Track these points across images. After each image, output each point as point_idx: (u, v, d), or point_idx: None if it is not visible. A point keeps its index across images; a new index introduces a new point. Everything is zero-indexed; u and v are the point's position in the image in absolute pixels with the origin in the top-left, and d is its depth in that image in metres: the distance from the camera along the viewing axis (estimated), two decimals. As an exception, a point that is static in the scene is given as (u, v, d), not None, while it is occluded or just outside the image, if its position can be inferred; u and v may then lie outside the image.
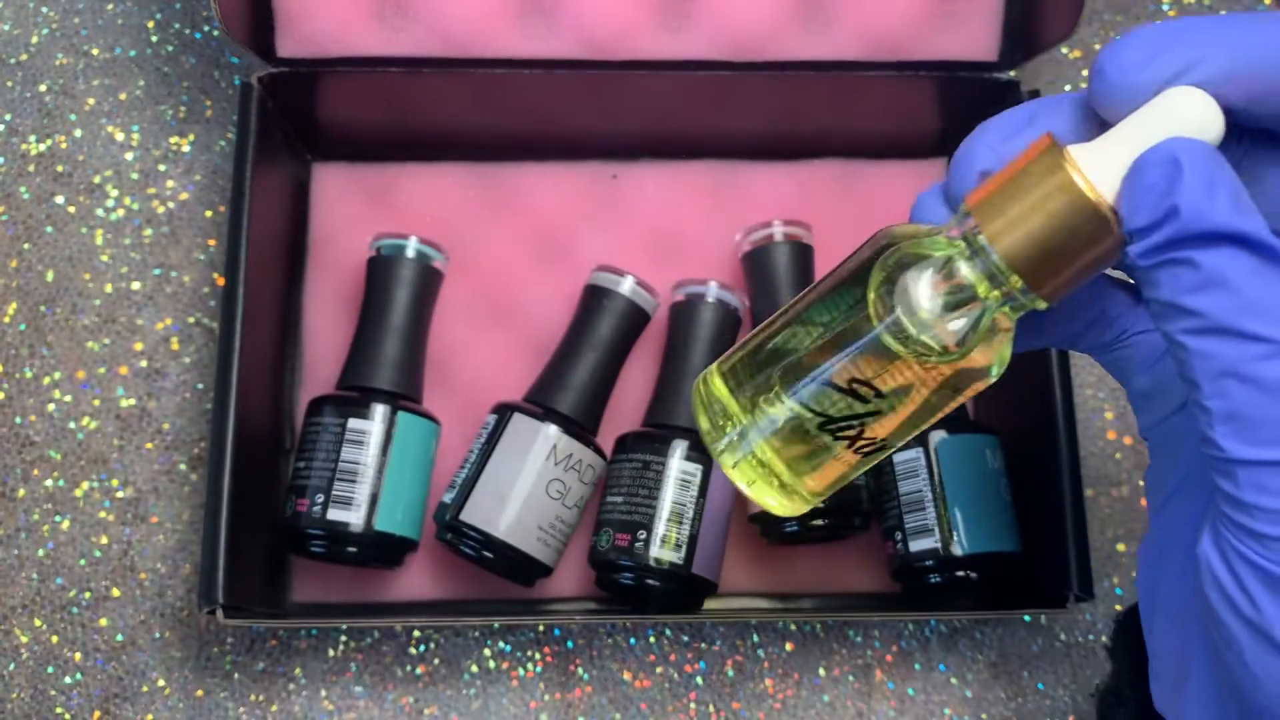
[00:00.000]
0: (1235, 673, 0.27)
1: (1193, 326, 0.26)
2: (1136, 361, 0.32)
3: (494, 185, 0.58)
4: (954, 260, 0.29)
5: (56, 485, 0.54)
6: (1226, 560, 0.26)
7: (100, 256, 0.57)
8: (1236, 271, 0.25)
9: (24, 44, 0.60)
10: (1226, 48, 0.28)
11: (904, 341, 0.29)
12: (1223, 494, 0.26)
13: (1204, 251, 0.26)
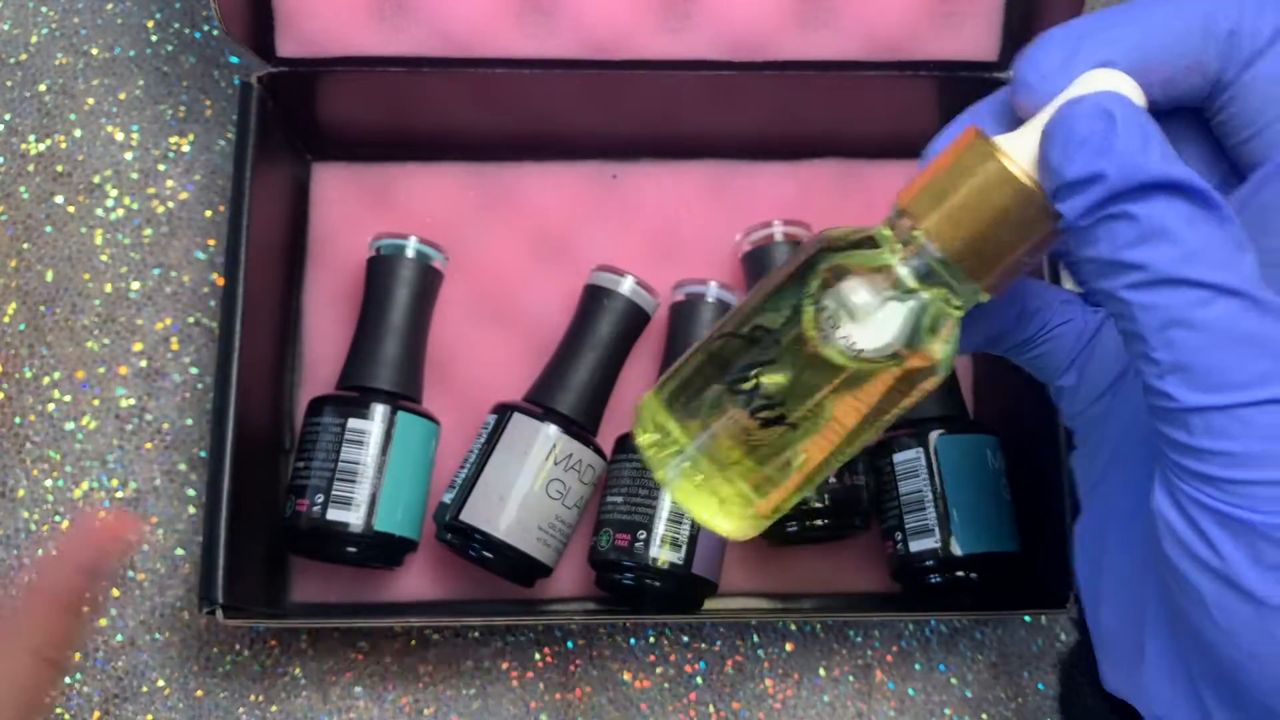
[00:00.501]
0: (1202, 629, 0.27)
1: (1135, 280, 0.26)
2: (1060, 355, 0.32)
3: (494, 185, 0.58)
4: (892, 262, 0.29)
5: (56, 485, 0.54)
6: (1183, 511, 0.26)
7: (100, 256, 0.57)
8: (1175, 220, 0.25)
9: (23, 43, 0.60)
10: (1135, 40, 0.28)
11: (847, 351, 0.29)
12: (1175, 445, 0.26)
13: (1141, 203, 0.25)
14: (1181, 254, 0.25)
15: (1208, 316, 0.25)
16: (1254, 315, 0.25)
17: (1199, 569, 0.26)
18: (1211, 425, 0.25)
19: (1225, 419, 0.25)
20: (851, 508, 0.50)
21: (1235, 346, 0.25)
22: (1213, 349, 0.25)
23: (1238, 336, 0.25)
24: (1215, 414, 0.25)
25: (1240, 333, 0.25)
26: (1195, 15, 0.28)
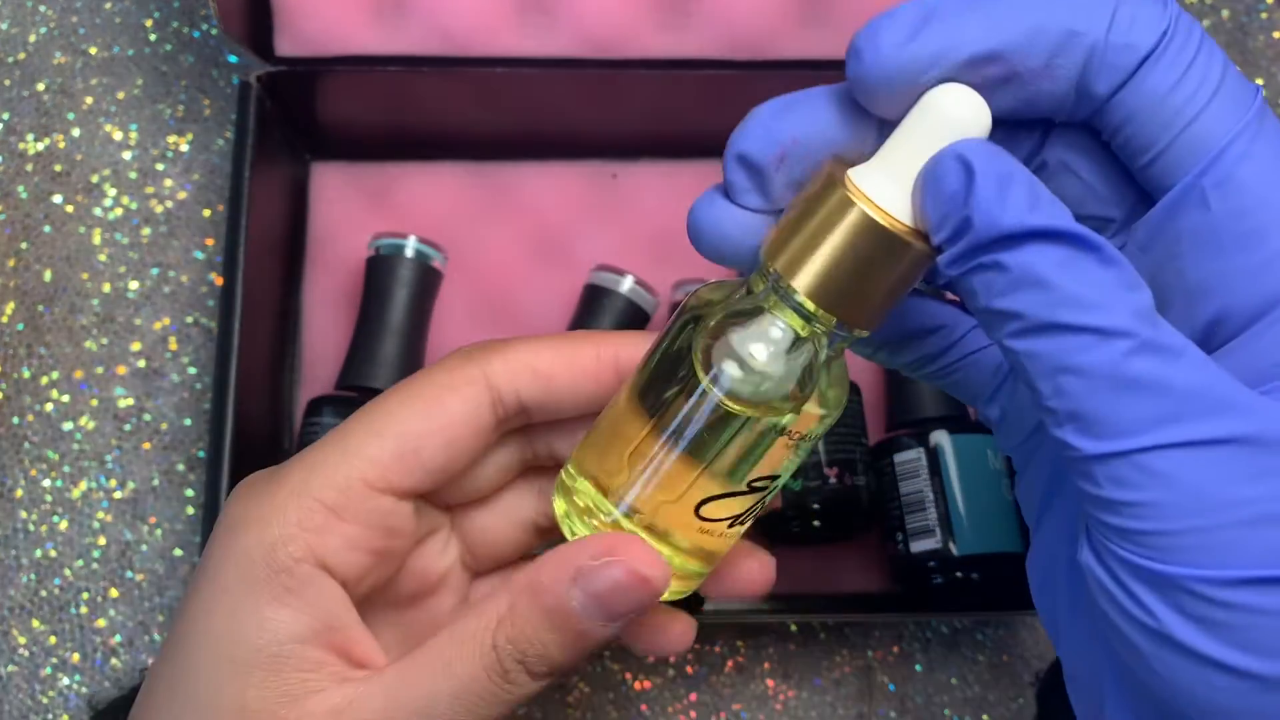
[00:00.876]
0: (1150, 684, 0.25)
1: (1016, 329, 0.25)
2: (977, 384, 0.31)
3: (493, 184, 0.58)
4: (768, 312, 0.28)
5: (54, 485, 0.54)
6: (1107, 566, 0.25)
7: (98, 256, 0.57)
8: (1045, 266, 0.24)
9: (22, 43, 0.59)
10: (986, 26, 0.27)
11: (745, 403, 0.28)
12: (1087, 496, 0.25)
13: (1010, 252, 0.25)
14: (1054, 299, 0.24)
15: (1092, 361, 0.24)
16: (1144, 356, 0.24)
17: (1129, 623, 0.25)
18: (1114, 474, 0.24)
19: (1126, 467, 0.24)
20: (852, 508, 0.50)
21: (1125, 390, 0.24)
22: (1101, 394, 0.24)
23: (1127, 380, 0.24)
24: (1116, 462, 0.24)
25: (1129, 376, 0.24)
26: (1055, 12, 0.27)
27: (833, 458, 0.50)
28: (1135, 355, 0.24)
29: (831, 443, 0.50)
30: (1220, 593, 0.23)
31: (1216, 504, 0.24)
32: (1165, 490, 0.24)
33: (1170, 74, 0.26)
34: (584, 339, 0.32)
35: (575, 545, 0.29)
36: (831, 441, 0.50)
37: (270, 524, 0.29)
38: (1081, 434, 0.24)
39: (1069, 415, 0.25)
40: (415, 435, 0.30)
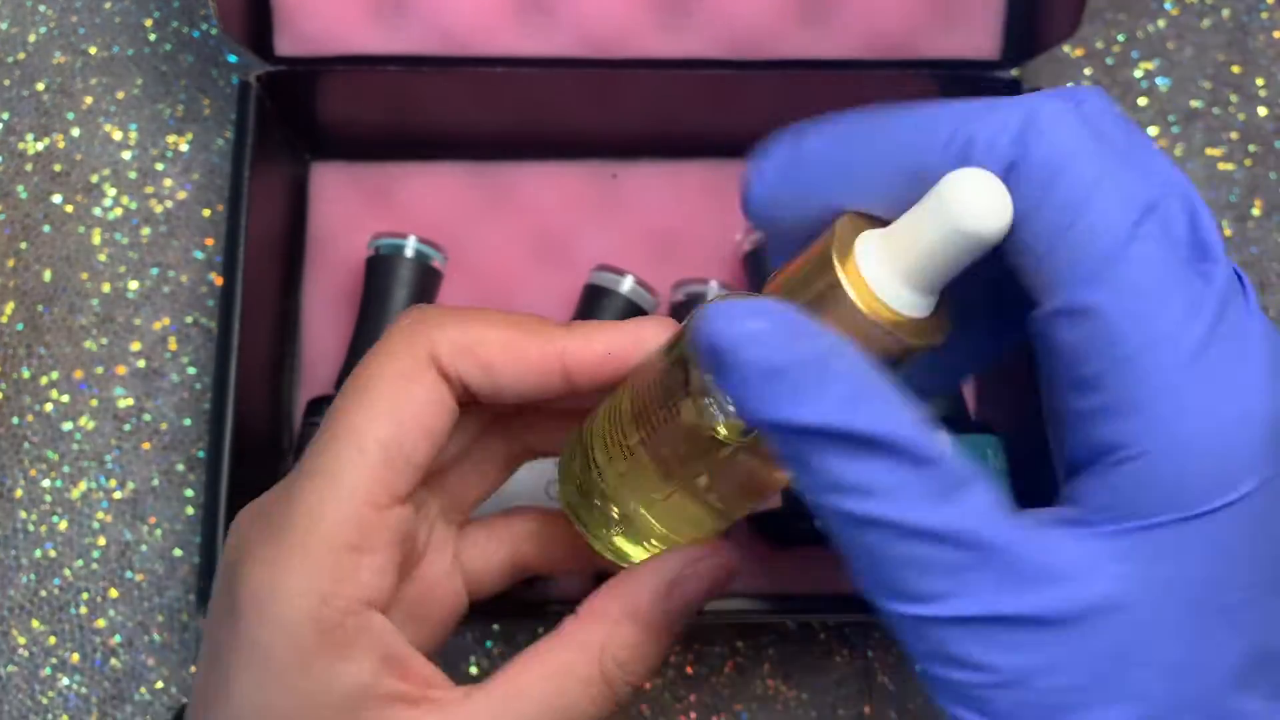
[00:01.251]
0: None
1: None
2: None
3: (493, 184, 0.58)
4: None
5: (54, 486, 0.54)
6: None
7: (98, 256, 0.57)
8: (825, 460, 0.24)
9: (21, 42, 0.59)
10: (844, 174, 0.26)
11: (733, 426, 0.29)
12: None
13: (789, 442, 0.25)
14: (843, 492, 0.24)
15: (876, 542, 0.25)
16: (920, 541, 0.24)
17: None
18: (906, 629, 0.26)
19: (920, 627, 0.26)
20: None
21: (904, 568, 0.25)
22: (884, 568, 0.25)
23: (908, 559, 0.25)
24: (909, 622, 0.26)
25: (907, 557, 0.25)
26: (906, 155, 0.26)
27: (833, 458, 0.50)
28: (914, 541, 0.24)
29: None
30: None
31: (987, 671, 0.24)
32: (949, 648, 0.25)
33: (1025, 202, 0.25)
34: (530, 330, 0.31)
35: (661, 562, 0.31)
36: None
37: (307, 591, 0.28)
38: (878, 595, 0.26)
39: (866, 578, 0.26)
40: (396, 440, 0.30)
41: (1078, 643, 0.24)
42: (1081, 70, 0.61)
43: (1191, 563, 0.23)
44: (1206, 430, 0.23)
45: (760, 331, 0.24)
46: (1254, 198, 0.60)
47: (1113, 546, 0.24)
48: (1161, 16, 0.62)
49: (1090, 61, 0.61)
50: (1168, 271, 0.24)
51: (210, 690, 0.30)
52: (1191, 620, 0.23)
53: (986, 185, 0.25)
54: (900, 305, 0.26)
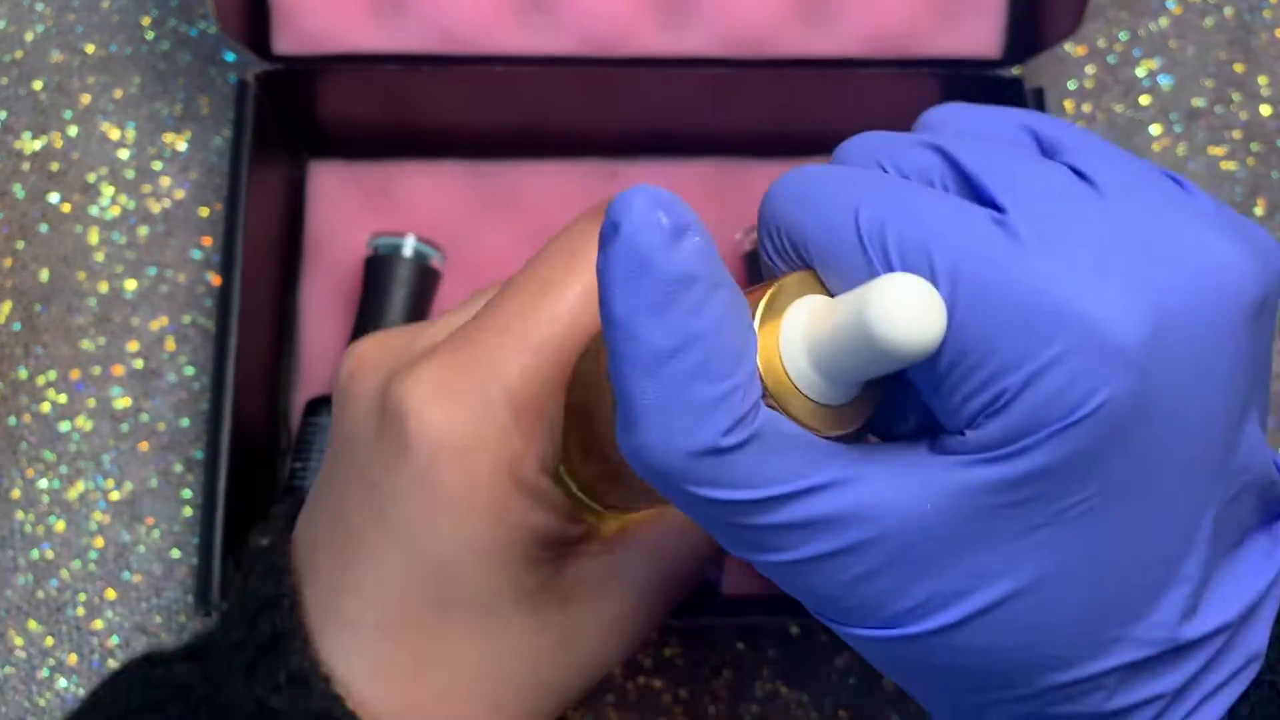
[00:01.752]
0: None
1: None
2: None
3: (493, 183, 0.58)
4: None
5: (51, 486, 0.54)
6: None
7: (95, 255, 0.57)
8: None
9: (18, 41, 0.59)
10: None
11: None
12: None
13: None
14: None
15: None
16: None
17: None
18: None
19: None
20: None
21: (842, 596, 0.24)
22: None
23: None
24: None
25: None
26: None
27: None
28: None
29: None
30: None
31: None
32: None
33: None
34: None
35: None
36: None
37: (501, 446, 0.29)
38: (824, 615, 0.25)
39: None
40: (593, 318, 0.30)
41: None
42: (1083, 69, 0.61)
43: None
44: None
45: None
46: (1257, 197, 0.60)
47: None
48: (1164, 15, 0.62)
49: (1092, 60, 0.61)
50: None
51: (356, 518, 0.30)
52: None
53: (915, 298, 0.21)
54: (807, 386, 0.24)
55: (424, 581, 0.29)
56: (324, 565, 0.31)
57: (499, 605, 0.30)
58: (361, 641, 0.30)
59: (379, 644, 0.30)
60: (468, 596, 0.29)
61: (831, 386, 0.24)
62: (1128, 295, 0.22)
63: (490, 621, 0.30)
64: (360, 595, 0.30)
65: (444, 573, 0.29)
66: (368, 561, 0.30)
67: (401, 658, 0.30)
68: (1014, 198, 0.23)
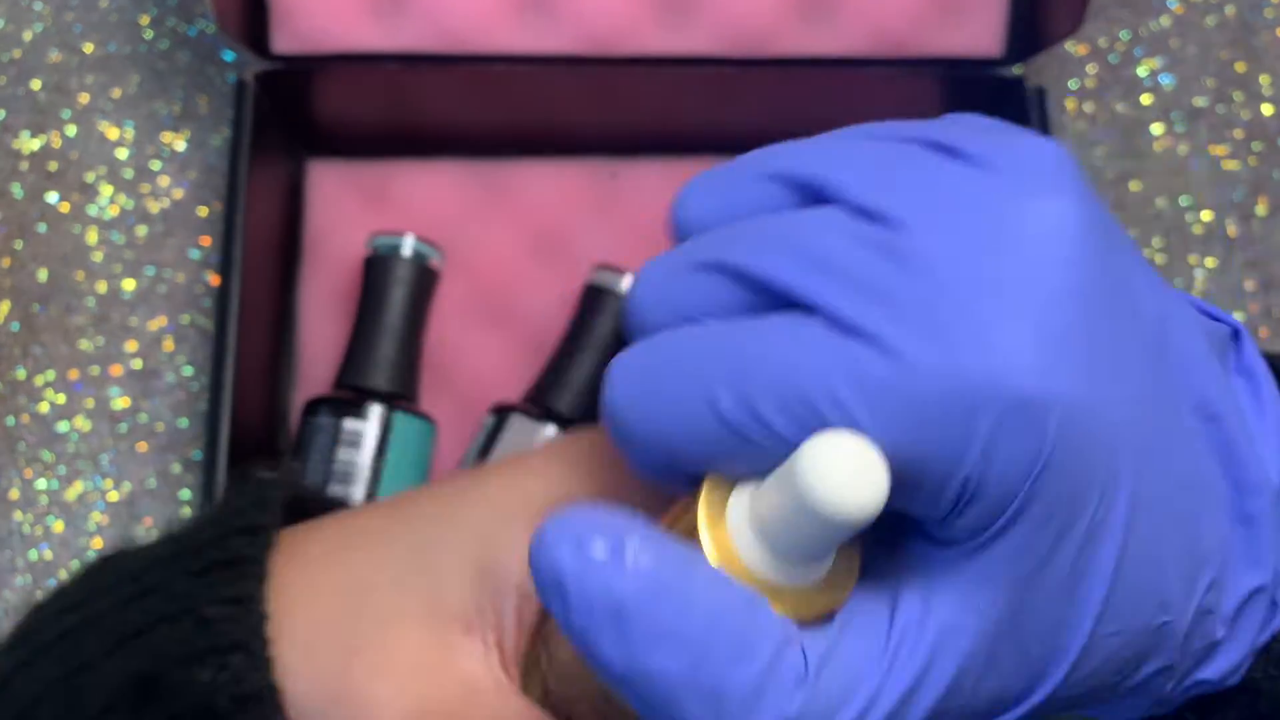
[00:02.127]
0: None
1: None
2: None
3: (492, 183, 0.57)
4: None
5: (50, 487, 0.54)
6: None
7: (93, 255, 0.57)
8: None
9: (17, 40, 0.59)
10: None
11: None
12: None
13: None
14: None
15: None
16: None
17: None
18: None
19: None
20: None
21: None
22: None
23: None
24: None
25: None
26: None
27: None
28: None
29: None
30: None
31: None
32: None
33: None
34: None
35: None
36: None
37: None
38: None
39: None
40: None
41: None
42: (1084, 67, 0.60)
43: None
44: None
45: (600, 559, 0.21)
46: (1259, 196, 0.59)
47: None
48: (1165, 14, 0.61)
49: (1093, 59, 0.61)
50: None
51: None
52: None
53: (850, 458, 0.20)
54: (775, 574, 0.21)
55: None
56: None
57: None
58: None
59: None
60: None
61: (807, 565, 0.22)
62: (1011, 338, 0.20)
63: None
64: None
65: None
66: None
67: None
68: (832, 293, 0.21)
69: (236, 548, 0.27)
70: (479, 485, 0.27)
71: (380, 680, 0.25)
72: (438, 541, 0.26)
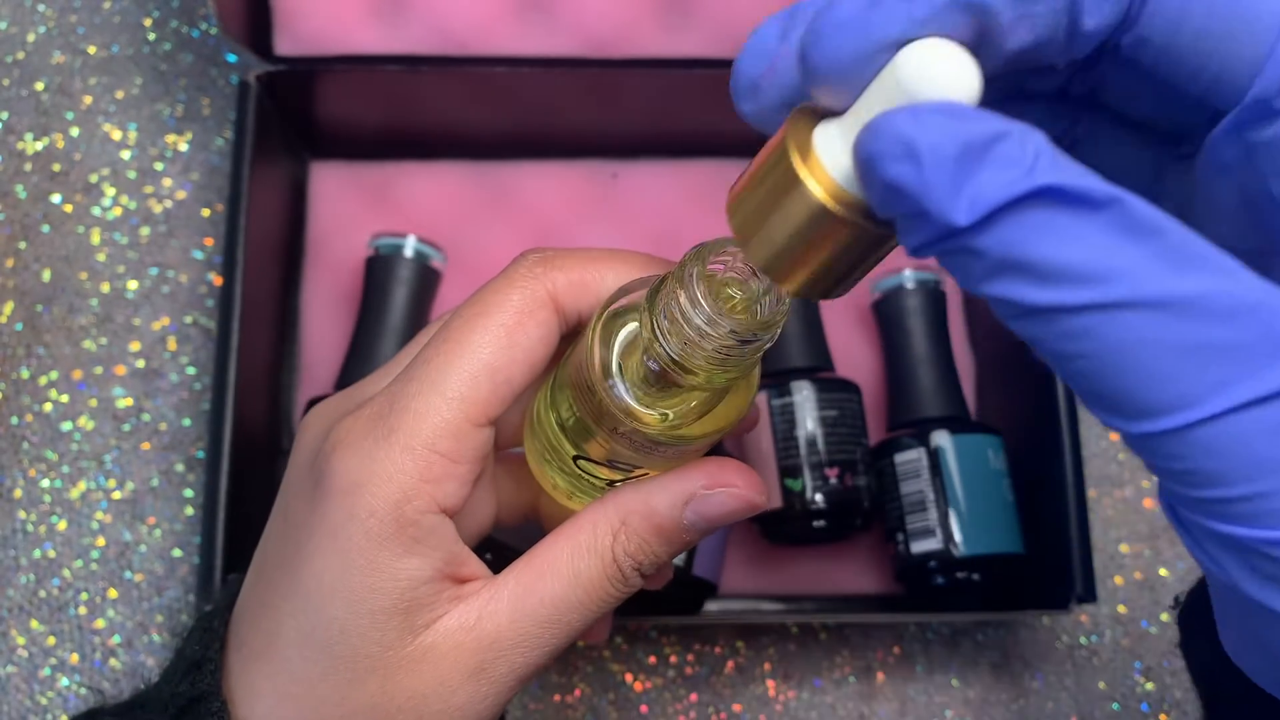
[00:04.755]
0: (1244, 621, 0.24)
1: (1010, 314, 0.22)
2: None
3: (493, 184, 0.58)
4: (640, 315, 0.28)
5: (53, 486, 0.54)
6: (1180, 520, 0.23)
7: (97, 256, 0.57)
8: (1024, 245, 0.21)
9: (20, 42, 0.59)
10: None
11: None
12: (1143, 460, 0.23)
13: (981, 236, 0.21)
14: (1042, 280, 0.21)
15: (1098, 344, 0.21)
16: (1160, 320, 0.21)
17: (1210, 573, 0.23)
18: (1155, 448, 0.22)
19: (1167, 442, 0.22)
20: (852, 509, 0.50)
21: (1142, 367, 0.21)
22: (1115, 377, 0.21)
23: (1144, 355, 0.21)
24: (1159, 439, 0.22)
25: (1144, 351, 0.21)
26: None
27: (833, 458, 0.50)
28: (1148, 323, 0.21)
29: (832, 443, 0.50)
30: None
31: (1269, 467, 0.21)
32: (1213, 460, 0.21)
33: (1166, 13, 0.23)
34: (640, 264, 0.32)
35: (686, 474, 0.31)
36: (832, 442, 0.50)
37: (393, 481, 0.30)
38: (1114, 414, 0.22)
39: (1094, 396, 0.22)
40: (505, 367, 0.31)
41: None
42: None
43: None
44: None
45: (953, 109, 0.21)
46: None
47: None
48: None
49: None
50: None
51: (275, 568, 0.31)
52: None
53: (949, 53, 0.22)
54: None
55: (313, 638, 0.31)
56: (246, 624, 0.32)
57: (365, 662, 0.30)
58: (269, 707, 0.31)
59: (280, 709, 0.31)
60: (344, 652, 0.30)
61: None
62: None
63: (357, 682, 0.30)
64: (268, 659, 0.31)
65: (330, 626, 0.30)
66: (279, 620, 0.31)
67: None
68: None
69: (188, 691, 0.31)
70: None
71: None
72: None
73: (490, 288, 0.32)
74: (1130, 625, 0.54)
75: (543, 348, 0.32)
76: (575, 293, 0.32)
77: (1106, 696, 0.53)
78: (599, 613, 0.32)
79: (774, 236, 0.24)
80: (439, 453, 0.30)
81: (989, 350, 0.56)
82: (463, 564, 0.31)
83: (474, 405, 0.31)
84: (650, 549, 0.32)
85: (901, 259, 0.53)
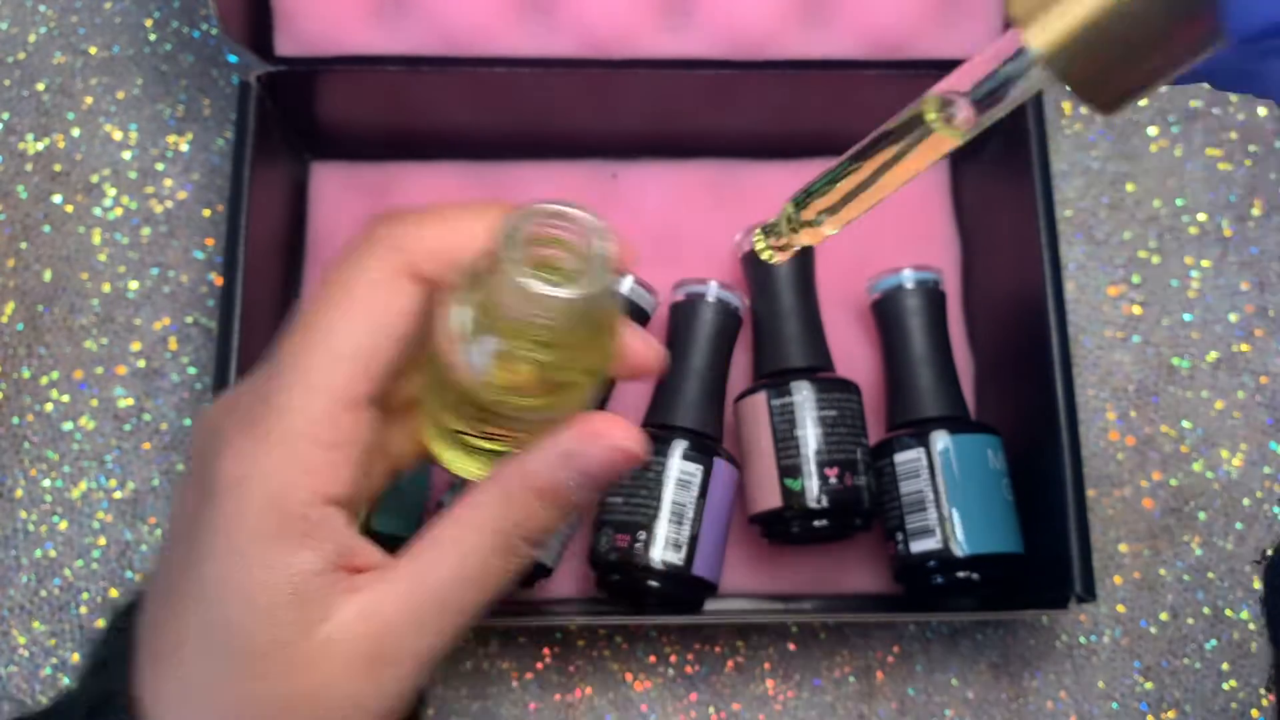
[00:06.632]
0: None
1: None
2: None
3: (493, 184, 0.58)
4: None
5: (54, 486, 0.54)
6: None
7: (98, 256, 0.57)
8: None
9: (21, 43, 0.59)
10: None
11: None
12: None
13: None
14: None
15: None
16: None
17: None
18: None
19: None
20: (852, 508, 0.50)
21: None
22: None
23: None
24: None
25: None
26: None
27: (833, 458, 0.50)
28: None
29: (832, 442, 0.50)
30: None
31: None
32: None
33: None
34: (489, 213, 0.31)
35: (559, 436, 0.31)
36: (832, 441, 0.50)
37: (272, 478, 0.30)
38: None
39: None
40: (366, 347, 0.31)
41: None
42: (1081, 70, 0.61)
43: None
44: None
45: None
46: (1254, 198, 0.60)
47: None
48: (1161, 16, 0.62)
49: (1090, 61, 0.61)
50: None
51: (176, 570, 0.31)
52: None
53: None
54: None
55: (212, 638, 0.30)
56: (151, 626, 0.32)
57: (263, 660, 0.30)
58: (173, 707, 0.31)
59: (184, 710, 0.31)
60: (242, 650, 0.30)
61: None
62: None
63: (258, 679, 0.30)
64: (172, 660, 0.31)
65: (227, 626, 0.30)
66: (182, 621, 0.31)
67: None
68: None
69: (98, 690, 0.32)
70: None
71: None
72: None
73: (344, 264, 0.32)
74: (1129, 625, 0.54)
75: (404, 320, 0.31)
76: (435, 258, 0.31)
77: (1105, 696, 0.54)
78: (495, 589, 0.32)
79: (1077, 12, 0.22)
80: (314, 443, 0.30)
81: (989, 350, 0.56)
82: (355, 554, 0.31)
83: (339, 390, 0.30)
84: (538, 517, 0.31)
85: (901, 259, 0.54)
